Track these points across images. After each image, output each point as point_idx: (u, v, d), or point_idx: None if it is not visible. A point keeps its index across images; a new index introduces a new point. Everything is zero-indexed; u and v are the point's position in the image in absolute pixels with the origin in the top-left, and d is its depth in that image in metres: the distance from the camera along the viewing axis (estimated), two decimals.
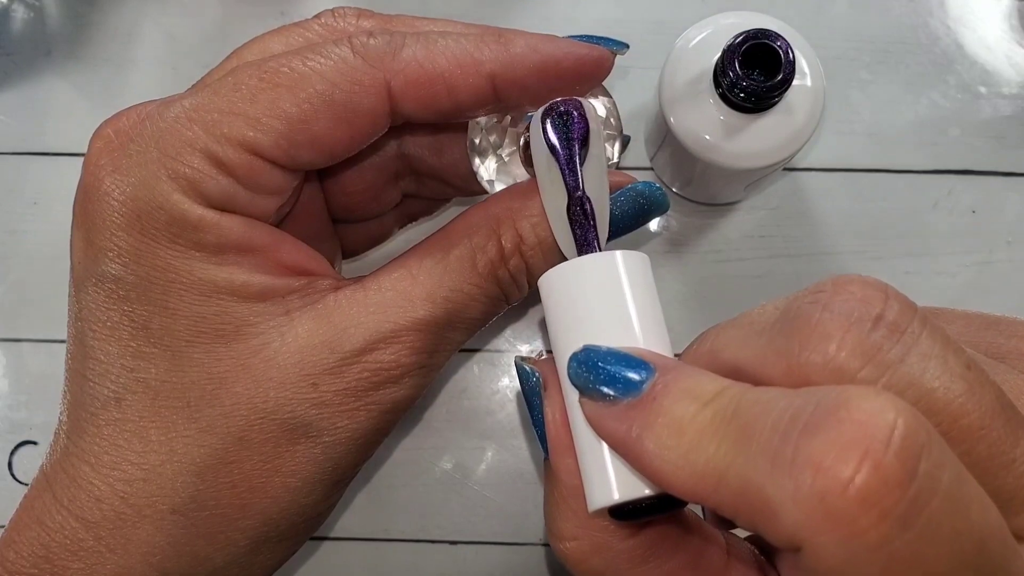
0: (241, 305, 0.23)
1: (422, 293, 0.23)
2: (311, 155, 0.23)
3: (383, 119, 0.23)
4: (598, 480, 0.19)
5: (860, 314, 0.16)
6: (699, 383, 0.18)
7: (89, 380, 0.23)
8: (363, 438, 0.24)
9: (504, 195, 0.25)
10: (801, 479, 0.15)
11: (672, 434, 0.17)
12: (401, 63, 0.22)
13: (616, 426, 0.18)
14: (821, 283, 0.18)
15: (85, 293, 0.23)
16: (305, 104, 0.22)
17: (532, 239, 0.24)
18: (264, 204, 0.23)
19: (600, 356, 0.19)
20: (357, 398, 0.23)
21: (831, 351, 0.16)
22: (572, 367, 0.19)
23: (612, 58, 0.24)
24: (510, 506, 0.37)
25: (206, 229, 0.22)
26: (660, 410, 0.17)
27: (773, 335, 0.17)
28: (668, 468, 0.17)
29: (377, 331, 0.23)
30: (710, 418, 0.17)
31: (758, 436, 0.16)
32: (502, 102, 0.24)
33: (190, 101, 0.22)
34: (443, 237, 0.25)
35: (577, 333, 0.20)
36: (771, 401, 0.16)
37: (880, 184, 0.38)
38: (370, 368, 0.23)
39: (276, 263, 0.23)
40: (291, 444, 0.23)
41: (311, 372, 0.23)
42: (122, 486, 0.22)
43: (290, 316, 0.23)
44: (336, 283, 0.24)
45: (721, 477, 0.16)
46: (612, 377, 0.18)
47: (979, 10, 0.39)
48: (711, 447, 0.16)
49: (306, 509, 0.24)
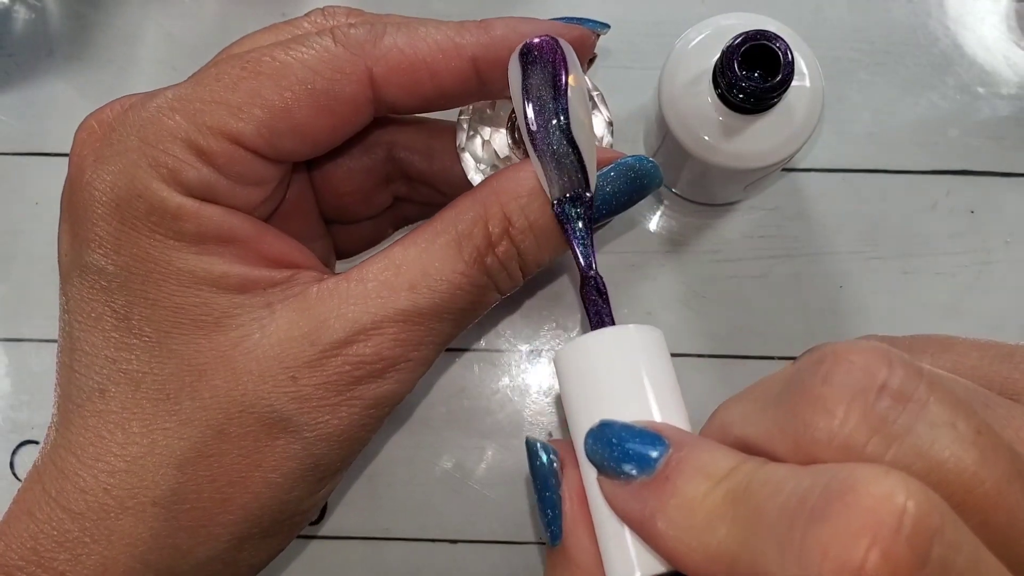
0: (221, 296, 0.22)
1: (405, 283, 0.23)
2: (293, 144, 0.23)
3: (366, 107, 0.23)
4: (618, 558, 0.19)
5: (863, 385, 0.16)
6: (713, 460, 0.17)
7: (76, 372, 0.23)
8: (346, 434, 0.24)
9: (491, 178, 0.24)
10: (808, 567, 0.14)
11: (684, 515, 0.17)
12: (382, 50, 0.22)
13: (632, 505, 0.18)
14: (822, 351, 0.17)
15: (71, 285, 0.23)
16: (287, 92, 0.22)
17: (522, 222, 0.23)
18: (247, 195, 0.23)
19: (615, 432, 0.19)
20: (339, 392, 0.23)
21: (835, 427, 0.16)
22: (588, 444, 0.19)
23: (593, 37, 0.24)
24: (510, 506, 0.37)
25: (185, 218, 0.22)
26: (673, 490, 0.17)
27: (778, 411, 0.17)
28: (681, 549, 0.17)
29: (357, 322, 0.22)
30: (721, 498, 0.16)
31: (766, 520, 0.15)
32: (486, 86, 0.23)
33: (173, 92, 0.22)
34: (430, 225, 0.24)
35: (593, 408, 0.20)
36: (780, 482, 0.16)
37: (879, 184, 0.38)
38: (351, 361, 0.23)
39: (258, 255, 0.23)
40: (271, 439, 0.23)
41: (291, 365, 0.22)
42: (105, 477, 0.22)
43: (271, 308, 0.23)
44: (319, 275, 0.24)
45: (733, 561, 0.16)
46: (626, 454, 0.18)
47: (978, 11, 0.39)
48: (722, 530, 0.16)
49: (288, 505, 0.24)
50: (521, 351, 0.38)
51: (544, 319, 0.38)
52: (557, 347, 0.38)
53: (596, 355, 0.20)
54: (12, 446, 0.38)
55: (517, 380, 0.38)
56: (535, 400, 0.38)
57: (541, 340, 0.38)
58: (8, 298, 0.39)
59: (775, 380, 0.18)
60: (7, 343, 0.39)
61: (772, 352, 0.37)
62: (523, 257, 0.24)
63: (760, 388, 0.19)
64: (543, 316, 0.39)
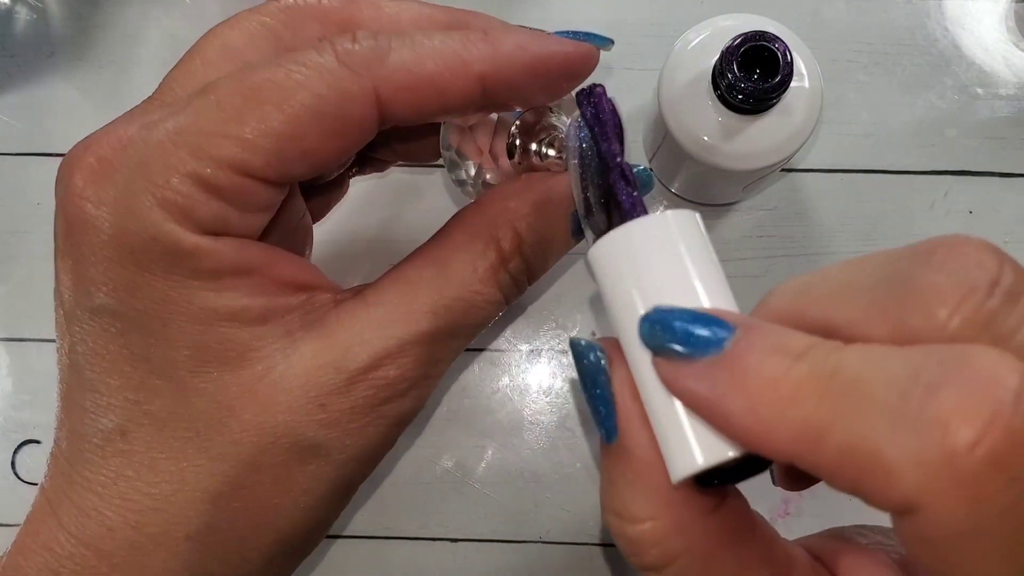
0: (243, 330, 0.22)
1: (424, 306, 0.23)
2: (302, 169, 0.22)
3: (373, 126, 0.22)
4: (679, 448, 0.18)
5: (975, 279, 0.16)
6: (788, 338, 0.17)
7: (89, 412, 0.23)
8: (372, 452, 0.24)
9: (498, 195, 0.24)
10: (926, 439, 0.14)
11: (762, 391, 0.16)
12: (388, 70, 0.21)
13: (696, 385, 0.17)
14: (932, 242, 0.17)
15: (78, 326, 0.23)
16: (293, 120, 0.21)
17: (531, 238, 0.24)
18: (256, 222, 0.23)
19: (675, 314, 0.18)
20: (365, 414, 0.23)
21: (943, 316, 0.15)
22: (644, 328, 0.18)
23: (598, 54, 0.24)
24: (511, 504, 0.37)
25: (201, 256, 0.21)
26: (748, 366, 0.16)
27: (877, 295, 0.16)
28: (760, 427, 0.16)
29: (383, 348, 0.23)
30: (807, 373, 0.16)
31: (871, 393, 0.15)
32: (489, 101, 0.23)
33: (172, 123, 0.21)
34: (441, 244, 0.24)
35: (642, 298, 0.19)
36: (883, 358, 0.15)
37: (877, 185, 0.39)
38: (377, 384, 0.23)
39: (273, 281, 0.23)
40: (302, 464, 0.23)
41: (319, 393, 0.22)
42: (134, 516, 0.22)
43: (292, 337, 0.23)
44: (335, 296, 0.24)
45: (823, 435, 0.15)
46: (689, 334, 0.17)
47: (976, 12, 0.40)
48: (810, 403, 0.15)
49: (318, 524, 0.25)
50: (521, 351, 0.38)
51: (544, 319, 0.39)
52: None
53: (638, 245, 0.19)
54: (13, 445, 0.38)
55: (517, 380, 0.38)
56: (535, 399, 0.38)
57: (541, 340, 0.39)
58: (9, 298, 0.39)
59: (864, 265, 0.18)
60: (8, 343, 0.39)
61: None
62: (531, 270, 0.25)
63: (847, 270, 0.18)
64: (543, 316, 0.39)
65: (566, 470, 0.37)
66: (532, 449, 0.38)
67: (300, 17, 0.23)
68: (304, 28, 0.24)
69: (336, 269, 0.39)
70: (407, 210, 0.40)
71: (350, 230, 0.39)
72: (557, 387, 0.38)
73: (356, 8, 0.24)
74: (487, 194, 0.25)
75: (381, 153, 0.30)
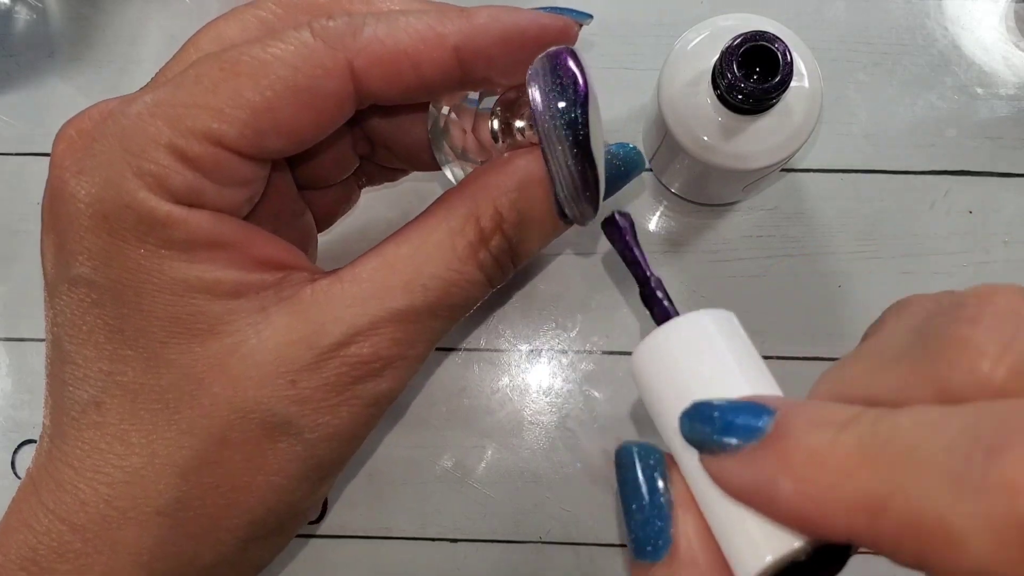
0: (215, 303, 0.22)
1: (399, 283, 0.23)
2: (278, 143, 0.22)
3: (348, 101, 0.22)
4: (743, 548, 0.17)
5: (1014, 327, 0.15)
6: (828, 410, 0.16)
7: (68, 385, 0.23)
8: (346, 433, 0.24)
9: (479, 172, 0.24)
10: (994, 504, 0.13)
11: (811, 467, 0.15)
12: (362, 42, 0.22)
13: (744, 475, 0.16)
14: (960, 295, 0.16)
15: (59, 298, 0.23)
16: (268, 91, 0.21)
17: (513, 216, 0.23)
18: (233, 196, 0.23)
19: (712, 407, 0.18)
20: (338, 393, 0.23)
21: (986, 369, 0.15)
22: (684, 424, 0.18)
23: (576, 28, 0.24)
24: (510, 504, 0.37)
25: (174, 226, 0.21)
26: (791, 445, 0.16)
27: (914, 360, 0.16)
28: (811, 507, 0.15)
29: (354, 324, 0.22)
30: (855, 443, 0.15)
31: (928, 459, 0.14)
32: (467, 75, 0.23)
33: (152, 96, 0.22)
34: (420, 222, 0.24)
35: (684, 396, 0.18)
36: (937, 420, 0.14)
37: (877, 185, 0.39)
38: (349, 362, 0.23)
39: (249, 258, 0.23)
40: (273, 442, 0.23)
41: (289, 369, 0.22)
42: (105, 489, 0.22)
43: (266, 312, 0.23)
44: (311, 276, 0.24)
45: (879, 508, 0.14)
46: (728, 423, 0.17)
47: (976, 12, 0.40)
48: (863, 475, 0.15)
49: (292, 506, 0.24)
50: (521, 351, 0.38)
51: (544, 319, 0.39)
52: (568, 354, 0.38)
53: (676, 344, 0.19)
54: (13, 445, 0.38)
55: (517, 380, 0.38)
56: (535, 399, 0.38)
57: (541, 340, 0.39)
58: (8, 298, 0.39)
59: (893, 335, 0.17)
60: (7, 343, 0.39)
61: (771, 352, 0.37)
62: (514, 250, 0.24)
63: (878, 344, 0.17)
64: (543, 316, 0.39)
65: (566, 470, 0.37)
66: (532, 449, 0.38)
67: (295, 11, 0.24)
68: (298, 22, 0.24)
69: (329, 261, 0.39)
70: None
71: (354, 232, 0.39)
72: (557, 387, 0.38)
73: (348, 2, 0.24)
74: (471, 173, 0.25)
75: (383, 158, 0.30)
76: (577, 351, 0.38)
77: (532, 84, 0.22)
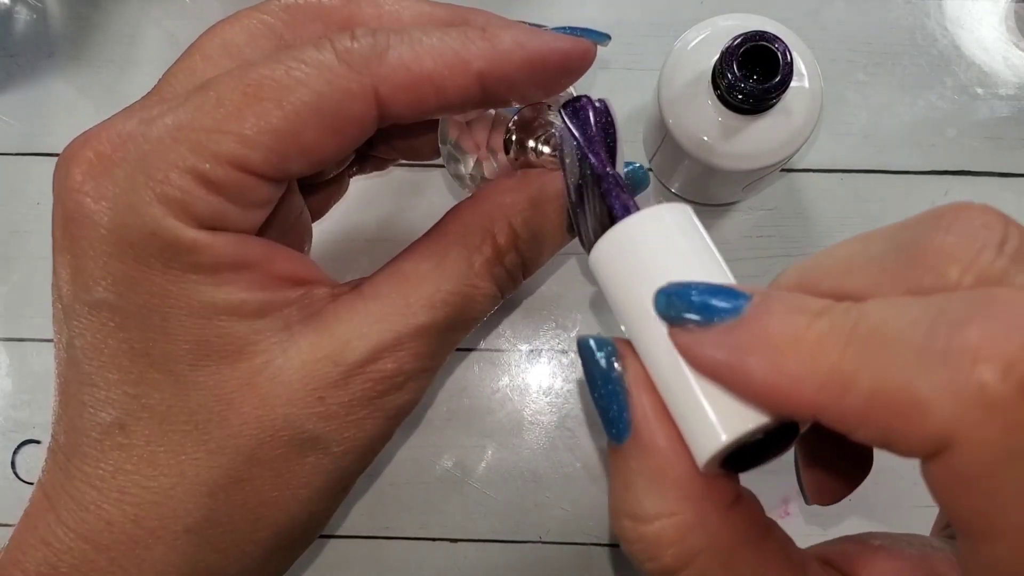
0: (241, 324, 0.22)
1: (421, 299, 0.23)
2: (300, 166, 0.22)
3: (372, 124, 0.22)
4: (703, 428, 0.18)
5: (984, 239, 0.16)
6: (804, 300, 0.17)
7: (88, 406, 0.23)
8: (369, 445, 0.24)
9: (493, 190, 0.25)
10: (956, 371, 0.14)
11: (785, 346, 0.16)
12: (388, 68, 0.22)
13: (716, 352, 0.17)
14: (938, 209, 0.17)
15: (77, 320, 0.23)
16: (292, 116, 0.21)
17: (526, 233, 0.24)
18: (254, 217, 0.23)
19: (691, 286, 0.18)
20: (363, 407, 0.23)
21: (955, 275, 0.16)
22: (661, 300, 0.18)
23: (595, 50, 0.24)
24: (510, 504, 0.37)
25: (200, 251, 0.22)
26: (768, 326, 0.16)
27: (887, 262, 0.17)
28: (784, 382, 0.16)
29: (380, 341, 0.23)
30: (828, 327, 0.16)
31: (895, 335, 0.15)
32: (489, 98, 0.23)
33: (172, 119, 0.21)
34: (437, 238, 0.24)
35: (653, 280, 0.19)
36: (905, 304, 0.15)
37: (877, 185, 0.39)
38: (374, 378, 0.23)
39: (271, 277, 0.23)
40: (301, 458, 0.23)
41: (317, 386, 0.23)
42: (133, 509, 0.22)
43: (291, 331, 0.23)
44: (332, 291, 0.24)
45: (848, 382, 0.15)
46: (707, 303, 0.17)
47: (976, 12, 0.40)
48: (834, 353, 0.15)
49: (316, 515, 0.25)
50: (521, 351, 0.38)
51: (544, 319, 0.39)
52: (562, 341, 0.38)
53: (640, 236, 0.20)
54: (13, 445, 0.38)
55: (517, 380, 0.38)
56: (535, 399, 0.38)
57: (541, 340, 0.39)
58: (9, 298, 0.39)
59: (870, 238, 0.18)
60: (8, 343, 0.39)
61: None
62: (527, 264, 0.25)
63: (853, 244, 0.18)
64: (543, 316, 0.39)
65: (566, 470, 0.37)
66: (532, 449, 0.38)
67: (301, 16, 0.24)
68: (305, 27, 0.24)
69: (336, 267, 0.39)
70: (407, 208, 0.40)
71: (350, 228, 0.39)
72: (557, 387, 0.38)
73: (357, 7, 0.24)
74: (483, 189, 0.25)
75: (381, 151, 0.30)
76: (577, 351, 0.38)
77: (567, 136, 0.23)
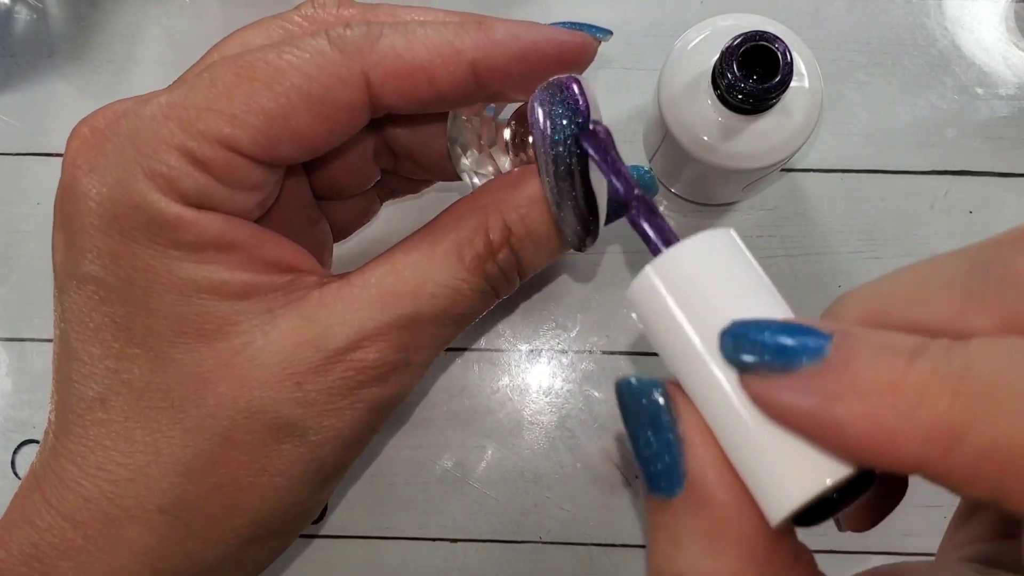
0: (222, 304, 0.22)
1: (407, 289, 0.23)
2: (290, 150, 0.22)
3: (362, 112, 0.22)
4: (780, 481, 0.16)
5: None
6: (893, 338, 0.15)
7: (74, 381, 0.23)
8: (349, 436, 0.24)
9: (490, 186, 0.24)
10: None
11: (883, 393, 0.14)
12: (379, 54, 0.22)
13: (798, 400, 0.15)
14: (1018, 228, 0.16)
15: (67, 295, 0.23)
16: (282, 99, 0.21)
17: (521, 230, 0.24)
18: (245, 200, 0.23)
19: (760, 326, 0.16)
20: (343, 396, 0.23)
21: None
22: (727, 343, 0.16)
23: (595, 44, 0.24)
24: (510, 504, 0.37)
25: (184, 227, 0.22)
26: (858, 369, 0.15)
27: (972, 288, 0.15)
28: (883, 434, 0.14)
29: (362, 329, 0.23)
30: (931, 369, 0.14)
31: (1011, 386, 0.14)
32: (483, 90, 0.23)
33: (166, 98, 0.22)
34: (429, 231, 0.24)
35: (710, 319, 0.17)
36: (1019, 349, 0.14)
37: (877, 185, 0.39)
38: (355, 366, 0.23)
39: (258, 260, 0.23)
40: (277, 443, 0.23)
41: (296, 371, 0.22)
42: (109, 486, 0.22)
43: (273, 314, 0.23)
44: (320, 279, 0.24)
45: (959, 435, 0.14)
46: (781, 345, 0.16)
47: (976, 12, 0.40)
48: (942, 403, 0.14)
49: (294, 507, 0.24)
50: (521, 351, 0.38)
51: (544, 319, 0.39)
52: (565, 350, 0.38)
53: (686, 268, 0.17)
54: (13, 445, 0.38)
55: (517, 380, 0.38)
56: (535, 399, 0.38)
57: (541, 340, 0.39)
58: (9, 298, 0.39)
59: (941, 263, 0.16)
60: (8, 343, 0.39)
61: None
62: (521, 263, 0.24)
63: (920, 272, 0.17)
64: (543, 316, 0.39)
65: (566, 470, 0.37)
66: (532, 449, 0.38)
67: (320, 26, 0.24)
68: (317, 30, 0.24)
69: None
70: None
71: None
72: (557, 387, 0.38)
73: (374, 17, 0.24)
74: (482, 185, 0.25)
75: (407, 169, 0.30)
76: (577, 351, 0.38)
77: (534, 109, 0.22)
